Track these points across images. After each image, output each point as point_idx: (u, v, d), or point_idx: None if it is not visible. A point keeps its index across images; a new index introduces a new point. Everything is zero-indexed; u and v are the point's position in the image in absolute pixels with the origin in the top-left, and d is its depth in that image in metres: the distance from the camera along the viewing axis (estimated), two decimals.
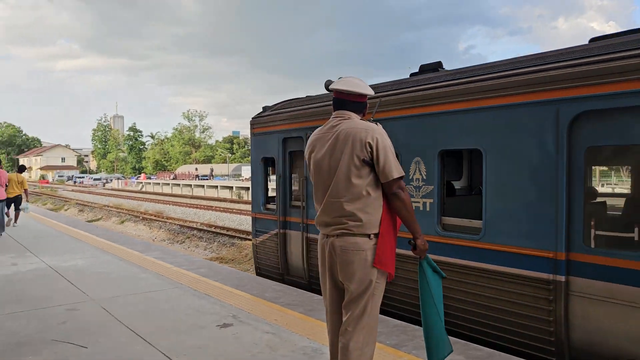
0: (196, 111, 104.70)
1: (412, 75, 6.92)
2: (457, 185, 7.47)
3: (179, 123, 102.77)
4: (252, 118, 9.17)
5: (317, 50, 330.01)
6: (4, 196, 12.30)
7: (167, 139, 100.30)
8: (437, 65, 6.72)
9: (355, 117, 3.37)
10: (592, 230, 4.54)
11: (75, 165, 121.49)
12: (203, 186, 48.48)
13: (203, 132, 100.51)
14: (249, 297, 6.43)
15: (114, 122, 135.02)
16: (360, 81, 3.47)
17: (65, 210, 34.31)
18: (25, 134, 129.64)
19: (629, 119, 4.20)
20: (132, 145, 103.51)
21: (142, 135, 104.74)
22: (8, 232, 12.65)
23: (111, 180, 77.93)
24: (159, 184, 58.92)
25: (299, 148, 7.84)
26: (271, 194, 8.92)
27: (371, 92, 3.45)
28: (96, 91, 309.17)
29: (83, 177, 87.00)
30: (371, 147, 3.19)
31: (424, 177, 5.75)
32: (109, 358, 4.41)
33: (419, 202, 5.80)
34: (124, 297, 6.39)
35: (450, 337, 3.69)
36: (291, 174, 8.26)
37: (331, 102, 3.52)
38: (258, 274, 8.95)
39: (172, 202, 34.15)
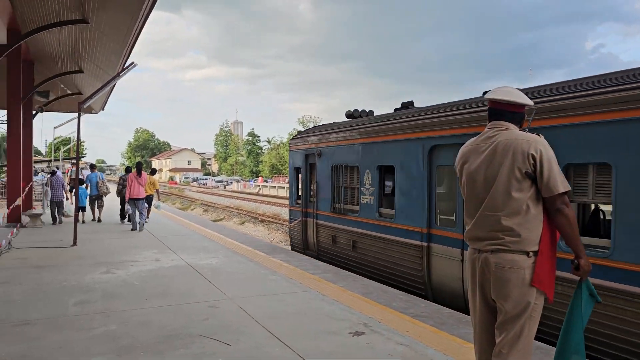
0: (310, 117, 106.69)
1: (395, 110, 9.72)
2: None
3: (294, 128, 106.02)
4: (289, 140, 13.51)
5: (428, 54, 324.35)
6: (144, 195, 14.16)
7: (283, 144, 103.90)
8: (409, 104, 9.60)
9: (513, 128, 3.20)
10: (438, 215, 7.61)
11: (199, 167, 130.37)
12: None
13: None
14: (377, 305, 6.40)
15: (234, 127, 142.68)
16: (518, 91, 3.30)
17: (192, 209, 36.91)
18: (157, 139, 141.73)
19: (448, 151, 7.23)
20: (250, 149, 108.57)
21: (259, 140, 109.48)
22: (148, 228, 13.88)
23: (231, 182, 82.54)
24: (274, 187, 61.24)
25: (313, 161, 11.41)
26: (300, 192, 12.39)
27: (530, 103, 3.26)
28: (219, 99, 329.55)
29: (206, 179, 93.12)
30: (534, 159, 3.00)
31: (371, 183, 9.11)
32: (250, 357, 4.60)
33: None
34: (257, 298, 6.67)
35: None
36: (310, 179, 11.77)
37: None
38: (292, 249, 12.43)
39: (288, 205, 35.20)
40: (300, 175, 12.28)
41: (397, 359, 4.57)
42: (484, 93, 7.23)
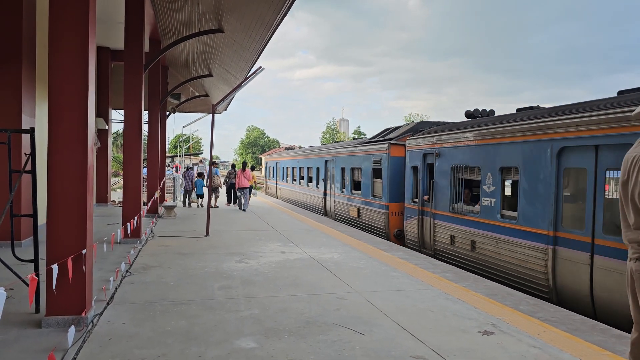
0: (418, 114, 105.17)
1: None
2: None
3: None
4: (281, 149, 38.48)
5: (550, 46, 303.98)
6: (247, 185, 18.75)
7: None
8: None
9: None
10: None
11: None
12: None
13: None
14: (504, 307, 6.41)
15: (340, 125, 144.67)
16: None
17: None
18: (267, 136, 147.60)
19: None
20: None
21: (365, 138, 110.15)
22: (270, 223, 14.73)
23: None
24: None
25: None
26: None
27: None
28: (326, 97, 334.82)
29: None
30: None
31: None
32: (385, 347, 4.88)
33: None
34: (382, 293, 6.95)
35: None
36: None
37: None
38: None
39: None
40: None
41: None
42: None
